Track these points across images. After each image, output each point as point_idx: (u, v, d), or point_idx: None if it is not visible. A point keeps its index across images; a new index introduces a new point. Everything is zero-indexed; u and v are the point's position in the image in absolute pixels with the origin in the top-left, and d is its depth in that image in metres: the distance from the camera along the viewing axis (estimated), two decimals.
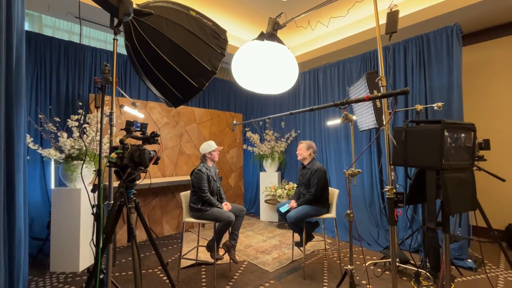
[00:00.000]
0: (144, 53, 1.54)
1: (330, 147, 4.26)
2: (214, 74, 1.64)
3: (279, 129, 5.01)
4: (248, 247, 3.40)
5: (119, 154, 1.15)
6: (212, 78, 1.65)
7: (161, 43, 1.51)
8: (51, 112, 3.26)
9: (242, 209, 2.76)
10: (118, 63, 3.94)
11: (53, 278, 2.55)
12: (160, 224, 3.91)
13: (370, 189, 3.71)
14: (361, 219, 3.68)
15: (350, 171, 1.64)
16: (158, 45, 1.50)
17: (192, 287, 2.41)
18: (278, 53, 2.21)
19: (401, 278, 2.53)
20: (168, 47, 1.51)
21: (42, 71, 3.35)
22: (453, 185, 1.32)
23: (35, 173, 3.24)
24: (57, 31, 3.59)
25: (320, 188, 2.65)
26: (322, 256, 3.10)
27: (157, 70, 1.58)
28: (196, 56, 1.57)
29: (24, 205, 1.80)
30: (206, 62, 1.61)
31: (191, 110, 4.45)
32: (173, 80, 1.61)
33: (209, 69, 1.62)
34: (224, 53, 1.70)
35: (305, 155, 2.87)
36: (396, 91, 1.28)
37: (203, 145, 2.74)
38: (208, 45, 1.62)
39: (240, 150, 5.17)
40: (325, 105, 1.67)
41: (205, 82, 1.64)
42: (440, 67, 3.12)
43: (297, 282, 2.49)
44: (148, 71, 1.61)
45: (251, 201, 5.36)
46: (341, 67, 4.17)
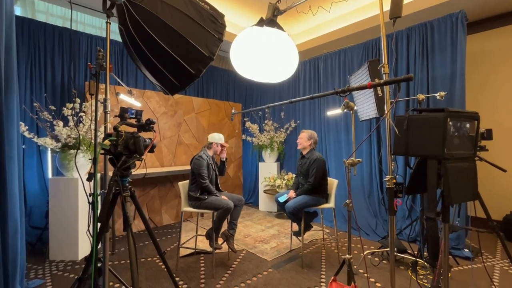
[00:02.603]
0: (138, 38, 1.49)
1: (329, 137, 4.23)
2: (212, 60, 1.59)
3: (278, 119, 4.96)
4: (246, 237, 3.42)
5: (113, 142, 1.12)
6: (209, 64, 1.59)
7: (156, 27, 1.45)
8: (46, 101, 3.20)
9: (241, 198, 2.75)
10: (114, 50, 3.85)
11: (52, 266, 2.57)
12: (159, 214, 3.92)
13: (369, 179, 3.70)
14: (360, 209, 3.69)
15: (350, 161, 1.61)
16: (153, 29, 1.45)
17: (191, 275, 2.43)
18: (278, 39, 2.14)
19: (398, 267, 2.55)
20: (164, 32, 1.45)
21: (36, 58, 3.26)
22: (454, 175, 1.29)
23: (32, 162, 3.21)
24: (50, 16, 3.48)
25: (318, 178, 2.64)
26: (320, 245, 3.12)
27: (153, 56, 1.53)
28: (193, 41, 1.51)
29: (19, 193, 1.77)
30: (203, 47, 1.55)
31: (189, 99, 4.38)
32: (169, 66, 1.56)
33: (206, 54, 1.57)
34: (221, 38, 1.64)
35: (305, 144, 2.84)
36: (400, 77, 1.24)
37: (215, 135, 2.73)
38: (205, 30, 1.56)
39: (239, 140, 5.14)
40: (326, 93, 1.63)
41: (202, 68, 1.58)
42: (444, 56, 3.06)
43: (295, 270, 2.51)
44: (144, 57, 1.56)
45: (250, 191, 5.37)
46: (342, 56, 4.09)
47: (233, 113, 2.78)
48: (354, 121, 1.75)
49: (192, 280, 2.34)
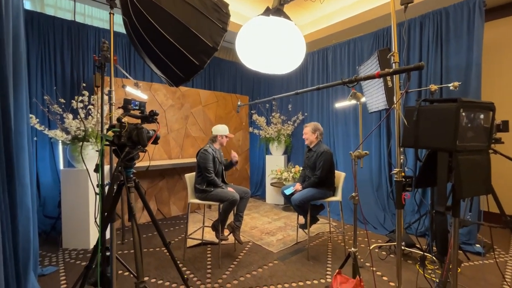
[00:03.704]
0: (142, 29, 1.47)
1: (338, 130, 4.16)
2: (216, 50, 1.56)
3: (286, 112, 4.91)
4: (253, 229, 3.44)
5: (116, 133, 1.12)
6: (213, 55, 1.57)
7: (160, 18, 1.43)
8: (57, 94, 3.26)
9: (247, 191, 2.76)
10: (121, 42, 3.86)
11: (65, 254, 2.66)
12: (168, 205, 3.99)
13: (378, 172, 3.64)
14: (368, 202, 3.65)
15: (357, 153, 1.57)
16: (157, 20, 1.43)
17: (198, 265, 2.47)
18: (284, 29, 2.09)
19: (406, 261, 2.52)
20: (167, 22, 1.43)
21: (46, 52, 3.31)
22: (466, 168, 1.24)
23: (44, 154, 3.30)
24: (59, 10, 3.51)
25: (325, 171, 2.60)
26: (327, 238, 3.11)
27: (157, 47, 1.51)
28: (196, 31, 1.49)
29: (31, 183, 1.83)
30: (207, 38, 1.53)
31: (196, 92, 4.38)
32: (173, 58, 1.54)
33: (211, 45, 1.54)
34: (226, 28, 1.61)
35: (312, 138, 2.80)
36: (410, 66, 1.18)
37: (218, 127, 2.73)
38: (209, 19, 1.53)
39: (246, 133, 5.13)
40: (333, 83, 1.58)
41: (207, 59, 1.56)
42: (459, 44, 2.92)
43: (301, 262, 2.52)
44: (148, 49, 1.55)
45: (257, 184, 5.38)
46: (352, 46, 3.97)
47: (239, 105, 2.76)
48: (361, 112, 1.70)
49: (198, 270, 2.38)
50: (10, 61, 1.47)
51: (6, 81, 1.03)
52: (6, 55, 1.07)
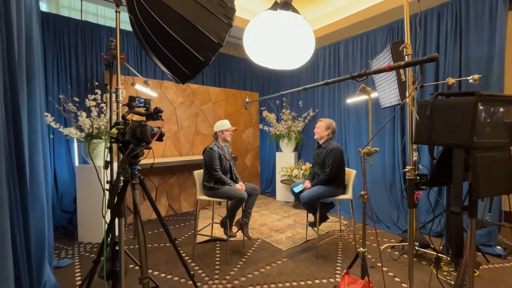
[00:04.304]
0: (147, 26, 1.48)
1: (349, 126, 4.06)
2: (221, 46, 1.54)
3: (296, 108, 4.84)
4: (262, 226, 3.43)
5: (120, 130, 1.13)
6: (218, 51, 1.55)
7: (164, 14, 1.43)
8: (72, 93, 3.36)
9: (256, 188, 2.74)
10: (133, 41, 3.92)
11: (80, 248, 2.76)
12: (178, 201, 4.05)
13: (391, 170, 3.52)
14: (381, 201, 3.55)
15: (366, 150, 1.52)
16: (161, 17, 1.42)
17: (207, 261, 2.49)
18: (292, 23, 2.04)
19: (420, 262, 2.43)
20: (172, 18, 1.43)
21: (62, 52, 3.42)
22: (484, 166, 1.17)
23: (61, 151, 3.43)
24: (73, 11, 3.61)
25: (335, 168, 2.54)
26: (337, 237, 3.05)
27: (162, 44, 1.51)
28: (201, 27, 1.47)
29: (45, 179, 1.89)
30: (212, 33, 1.51)
31: (206, 89, 4.40)
32: (178, 54, 1.54)
33: (216, 41, 1.52)
34: (231, 23, 1.58)
35: (322, 134, 2.74)
36: (422, 58, 1.12)
37: (217, 123, 2.72)
38: (214, 15, 1.51)
39: (256, 130, 5.11)
40: (341, 78, 1.53)
41: (212, 55, 1.55)
42: (480, 35, 2.76)
43: (310, 261, 2.49)
44: (153, 46, 1.55)
45: (267, 181, 5.36)
46: (365, 39, 3.85)
47: (247, 102, 2.74)
48: (371, 107, 1.64)
49: (207, 266, 2.40)
50: (23, 61, 1.52)
51: (16, 80, 1.06)
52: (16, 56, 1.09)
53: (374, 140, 3.70)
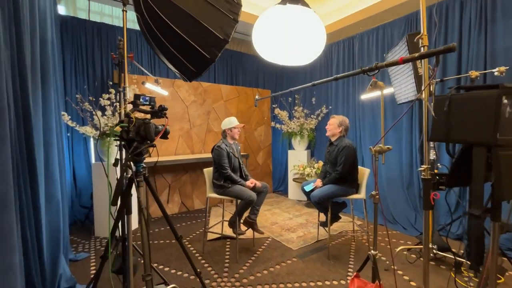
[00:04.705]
0: (153, 24, 1.48)
1: (364, 123, 3.93)
2: (227, 42, 1.52)
3: (309, 106, 4.75)
4: (273, 224, 3.40)
5: (124, 128, 1.14)
6: (224, 47, 1.53)
7: (169, 12, 1.43)
8: (88, 92, 3.48)
9: (266, 185, 2.71)
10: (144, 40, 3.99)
11: (96, 242, 2.86)
12: (191, 199, 4.10)
13: (408, 169, 3.37)
14: (397, 201, 3.41)
15: (378, 148, 1.44)
16: (166, 14, 1.42)
17: (217, 258, 2.50)
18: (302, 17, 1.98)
19: (439, 266, 2.31)
20: (176, 16, 1.42)
21: (79, 53, 3.54)
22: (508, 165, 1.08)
23: (79, 148, 3.56)
24: (90, 13, 3.72)
25: (347, 166, 2.46)
26: (350, 237, 2.96)
27: (168, 41, 1.51)
28: (206, 23, 1.46)
29: (61, 176, 1.96)
30: (217, 30, 1.49)
31: (217, 87, 4.40)
32: (184, 52, 1.53)
33: (221, 37, 1.50)
34: (237, 18, 1.55)
35: (335, 131, 2.66)
36: (438, 49, 1.04)
37: (224, 121, 2.70)
38: (219, 11, 1.49)
39: (268, 127, 5.07)
40: (351, 73, 1.46)
41: (218, 52, 1.53)
42: (508, 25, 2.55)
43: (321, 261, 2.43)
44: (160, 44, 1.55)
45: (280, 179, 5.32)
46: (381, 33, 3.69)
47: (257, 99, 2.71)
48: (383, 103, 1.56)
49: (217, 263, 2.41)
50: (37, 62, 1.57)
51: (26, 81, 1.09)
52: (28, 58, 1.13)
53: (391, 138, 3.56)
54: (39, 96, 1.59)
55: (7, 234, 0.81)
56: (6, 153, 0.84)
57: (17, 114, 1.05)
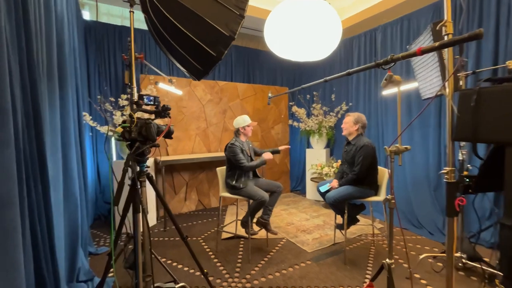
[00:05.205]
0: (159, 23, 1.48)
1: (387, 120, 3.70)
2: (233, 39, 1.48)
3: (328, 103, 4.58)
4: (289, 225, 3.33)
5: (126, 128, 1.15)
6: (231, 44, 1.49)
7: (174, 10, 1.42)
8: (111, 93, 3.64)
9: (279, 185, 2.65)
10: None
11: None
12: (208, 197, 4.15)
13: (436, 169, 3.11)
14: (423, 203, 3.17)
15: (394, 148, 1.32)
16: (171, 13, 1.41)
17: (229, 258, 2.49)
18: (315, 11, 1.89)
19: (469, 277, 2.10)
20: (181, 14, 1.41)
21: (102, 56, 3.70)
22: None
23: (102, 147, 3.74)
24: (111, 17, 3.88)
25: (365, 167, 2.32)
26: (369, 241, 2.81)
27: (174, 41, 1.51)
28: (211, 20, 1.42)
29: (79, 175, 2.05)
30: (222, 26, 1.45)
31: (234, 85, 4.39)
32: (190, 51, 1.52)
33: (227, 34, 1.46)
34: (243, 14, 1.50)
35: (351, 129, 2.52)
36: (462, 36, 0.91)
37: (237, 119, 2.67)
38: (224, 7, 1.45)
39: (285, 125, 4.97)
40: (365, 67, 1.35)
41: (224, 49, 1.49)
42: None
43: (336, 266, 2.32)
44: (167, 43, 1.55)
45: (297, 179, 5.21)
46: (405, 23, 3.44)
47: (270, 97, 2.65)
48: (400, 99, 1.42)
49: (229, 263, 2.40)
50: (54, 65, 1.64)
51: (36, 84, 1.13)
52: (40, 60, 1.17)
53: (416, 136, 3.32)
54: (56, 98, 1.66)
55: (11, 231, 0.84)
56: (10, 155, 0.87)
57: (27, 116, 1.09)
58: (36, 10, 1.30)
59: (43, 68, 1.45)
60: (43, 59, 1.45)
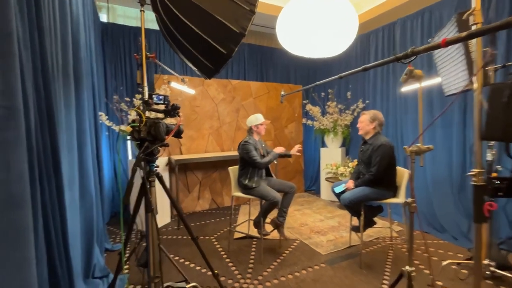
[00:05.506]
0: (170, 22, 1.47)
1: (407, 118, 3.53)
2: (243, 36, 1.44)
3: (344, 100, 4.44)
4: (302, 226, 3.26)
5: (135, 127, 1.15)
6: (241, 41, 1.45)
7: (184, 8, 1.40)
8: (126, 93, 3.72)
9: (293, 186, 2.60)
10: None
11: (132, 234, 3.04)
12: (221, 196, 4.15)
13: (460, 169, 2.93)
14: (445, 206, 2.99)
15: (415, 148, 1.23)
16: (181, 10, 1.40)
17: (241, 258, 2.46)
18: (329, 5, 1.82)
19: (498, 287, 1.95)
20: (190, 11, 1.39)
21: (119, 57, 3.79)
22: None
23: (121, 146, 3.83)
24: (127, 19, 3.96)
25: (383, 167, 2.21)
26: (387, 245, 2.69)
27: (184, 39, 1.49)
28: (220, 17, 1.39)
29: (94, 173, 2.10)
30: (232, 23, 1.41)
31: (247, 84, 4.36)
32: (200, 49, 1.50)
33: (237, 31, 1.42)
34: (254, 10, 1.46)
35: (367, 128, 2.41)
36: (492, 25, 0.82)
37: (250, 118, 2.64)
38: (234, 2, 1.41)
39: (299, 124, 4.88)
40: (383, 61, 1.27)
41: (234, 46, 1.46)
42: None
43: (351, 270, 2.24)
44: (178, 42, 1.54)
45: (312, 178, 5.11)
46: (427, 16, 3.26)
47: (282, 95, 2.59)
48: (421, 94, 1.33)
49: (241, 263, 2.37)
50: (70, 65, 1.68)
51: (49, 83, 1.15)
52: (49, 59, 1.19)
53: (438, 135, 3.14)
54: (72, 98, 1.70)
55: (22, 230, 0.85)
56: (22, 154, 0.88)
57: (41, 115, 1.11)
58: (50, 11, 1.33)
59: (58, 68, 1.48)
60: (58, 59, 1.48)
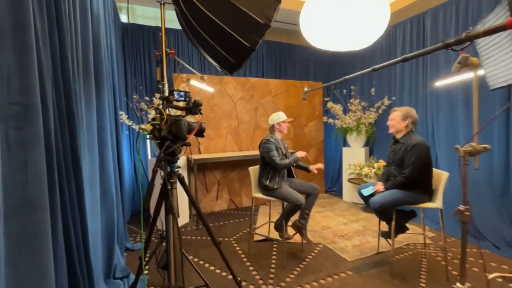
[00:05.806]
0: (190, 15, 1.40)
1: (439, 116, 3.28)
2: (268, 27, 1.33)
3: (367, 97, 4.22)
4: (325, 229, 3.11)
5: (155, 126, 1.08)
6: (265, 33, 1.35)
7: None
8: (146, 92, 3.74)
9: (316, 187, 2.47)
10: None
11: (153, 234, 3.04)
12: (239, 196, 4.08)
13: (503, 173, 2.66)
14: (486, 211, 2.73)
15: (469, 147, 1.07)
16: (201, 1, 1.32)
17: (262, 263, 2.37)
18: None
19: None
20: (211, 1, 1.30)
21: (138, 57, 3.81)
22: None
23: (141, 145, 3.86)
24: (146, 19, 3.98)
25: (418, 169, 2.02)
26: (421, 253, 2.48)
27: (206, 33, 1.41)
28: (244, 7, 1.30)
29: (115, 173, 2.08)
30: (257, 13, 1.32)
31: (265, 82, 4.26)
32: (222, 42, 1.41)
33: (262, 22, 1.32)
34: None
35: (399, 126, 2.22)
36: None
37: (272, 115, 2.53)
38: None
39: (319, 123, 4.71)
40: (429, 49, 1.12)
41: (258, 39, 1.36)
42: None
43: (382, 279, 2.07)
44: (198, 36, 1.47)
45: (333, 179, 4.92)
46: (462, 4, 2.99)
47: (305, 91, 2.47)
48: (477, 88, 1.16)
49: (262, 268, 2.28)
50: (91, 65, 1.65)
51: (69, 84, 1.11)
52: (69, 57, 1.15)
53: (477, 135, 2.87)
54: (92, 98, 1.68)
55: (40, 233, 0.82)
56: (40, 154, 0.83)
57: (60, 114, 1.07)
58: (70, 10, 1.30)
59: (79, 67, 1.45)
60: (79, 58, 1.45)
